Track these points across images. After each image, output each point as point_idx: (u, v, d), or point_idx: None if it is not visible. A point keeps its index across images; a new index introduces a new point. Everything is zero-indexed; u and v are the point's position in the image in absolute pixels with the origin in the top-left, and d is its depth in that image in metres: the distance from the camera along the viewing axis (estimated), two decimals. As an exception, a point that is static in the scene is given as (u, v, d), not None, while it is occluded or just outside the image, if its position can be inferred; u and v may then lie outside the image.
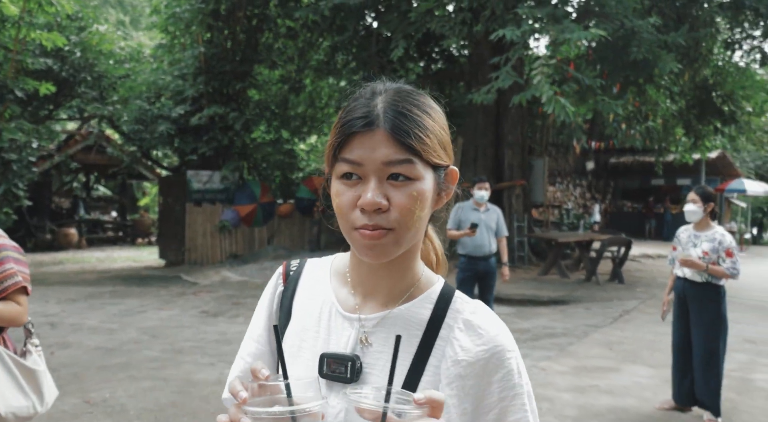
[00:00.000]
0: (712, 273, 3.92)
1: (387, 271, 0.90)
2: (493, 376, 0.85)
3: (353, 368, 0.86)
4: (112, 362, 5.51)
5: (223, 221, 13.99)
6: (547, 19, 7.40)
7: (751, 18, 9.50)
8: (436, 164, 0.85)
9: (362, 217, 0.82)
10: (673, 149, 14.34)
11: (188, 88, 13.58)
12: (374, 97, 0.85)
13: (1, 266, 2.05)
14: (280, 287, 1.01)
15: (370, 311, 0.91)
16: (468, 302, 0.92)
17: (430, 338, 0.88)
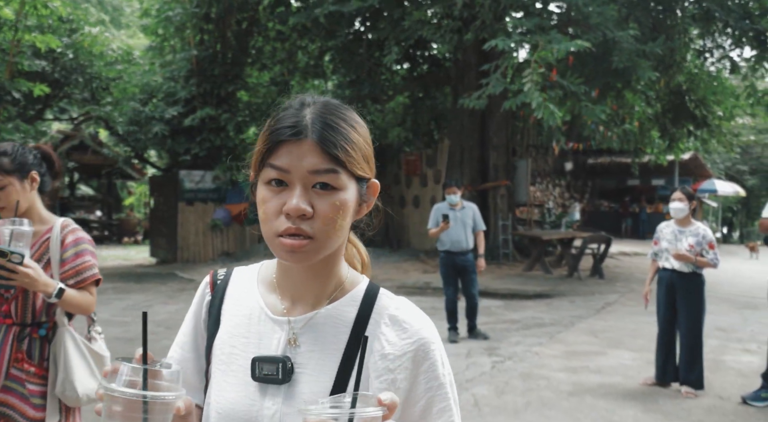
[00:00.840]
0: (699, 264, 4.43)
1: (312, 275, 0.93)
2: (420, 368, 0.90)
3: (284, 369, 0.89)
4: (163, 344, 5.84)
5: (215, 220, 14.28)
6: (535, 29, 7.89)
7: (720, 29, 10.14)
8: (359, 176, 0.89)
9: (286, 222, 0.85)
10: (649, 150, 14.99)
11: (180, 90, 13.85)
12: (303, 109, 0.88)
13: (80, 257, 2.14)
14: (208, 296, 1.03)
15: (299, 314, 0.94)
16: (393, 298, 0.96)
17: (357, 335, 0.91)
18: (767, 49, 9.42)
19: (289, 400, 0.89)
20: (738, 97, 11.76)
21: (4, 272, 1.88)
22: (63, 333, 2.11)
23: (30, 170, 2.10)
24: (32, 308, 2.09)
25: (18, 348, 2.07)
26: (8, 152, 2.07)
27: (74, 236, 2.15)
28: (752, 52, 9.76)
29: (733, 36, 9.82)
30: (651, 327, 6.94)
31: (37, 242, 2.11)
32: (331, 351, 0.91)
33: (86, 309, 2.13)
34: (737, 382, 4.90)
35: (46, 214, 2.19)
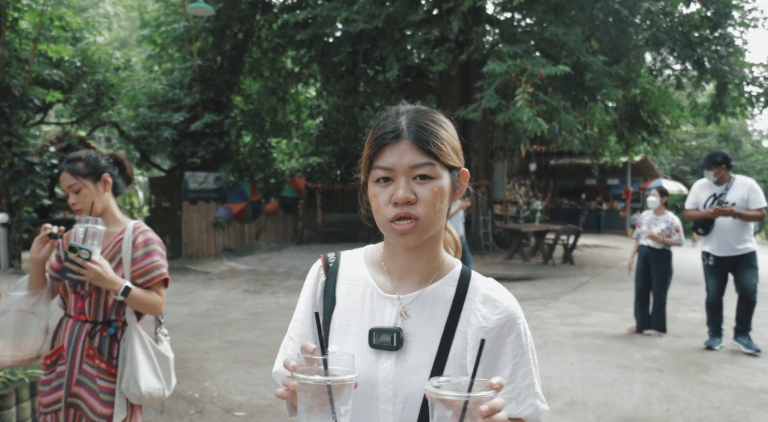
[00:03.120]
0: (667, 243, 6.09)
1: (417, 257, 1.09)
2: (507, 337, 1.06)
3: (398, 338, 1.04)
4: (214, 322, 7.13)
5: (218, 218, 15.39)
6: (522, 53, 9.49)
7: (668, 52, 12.02)
8: (450, 166, 1.06)
9: (395, 209, 1.01)
10: (607, 153, 16.90)
11: (185, 97, 14.92)
12: (399, 116, 1.05)
13: (149, 257, 2.19)
14: (322, 277, 1.18)
15: (406, 291, 1.10)
16: (484, 279, 1.13)
17: (456, 310, 1.08)
18: (706, 71, 11.32)
19: (400, 363, 1.04)
20: (682, 109, 13.76)
21: (74, 267, 1.97)
22: (131, 331, 2.17)
23: (103, 173, 2.21)
24: (104, 306, 2.16)
25: (90, 345, 2.14)
26: (82, 158, 2.20)
27: (144, 237, 2.22)
28: (694, 73, 11.66)
29: (679, 59, 11.69)
30: (620, 297, 8.69)
31: (111, 242, 2.19)
32: (434, 323, 1.06)
33: (154, 309, 2.18)
34: (687, 329, 6.61)
35: (120, 216, 2.29)
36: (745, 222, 5.35)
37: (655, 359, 5.39)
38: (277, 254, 14.96)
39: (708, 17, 11.07)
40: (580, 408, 4.09)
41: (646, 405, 4.16)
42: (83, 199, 2.15)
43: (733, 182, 5.44)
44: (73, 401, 2.13)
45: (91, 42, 15.67)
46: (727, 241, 5.41)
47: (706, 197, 5.52)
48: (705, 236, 5.56)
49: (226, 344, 5.99)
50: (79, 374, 2.13)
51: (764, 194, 5.43)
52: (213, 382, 4.70)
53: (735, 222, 5.34)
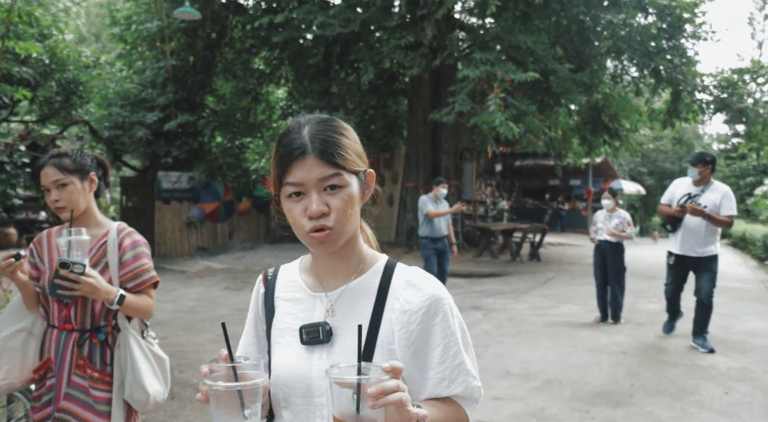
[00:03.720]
0: (620, 237, 6.61)
1: (338, 257, 1.17)
2: (434, 319, 1.12)
3: (324, 331, 1.12)
4: (202, 317, 7.38)
5: (191, 218, 15.49)
6: (494, 60, 9.98)
7: (628, 60, 12.72)
8: (356, 171, 1.12)
9: (310, 222, 1.07)
10: (570, 155, 17.61)
11: (158, 97, 14.97)
12: (301, 130, 1.10)
13: (138, 260, 2.16)
14: (262, 289, 1.28)
15: (332, 288, 1.18)
16: (408, 268, 1.20)
17: (381, 298, 1.14)
18: (662, 79, 12.04)
19: (332, 356, 1.11)
20: (641, 113, 14.52)
21: (67, 284, 1.90)
22: (127, 336, 2.13)
23: (89, 171, 2.15)
24: (91, 313, 2.09)
25: (79, 354, 2.08)
26: (69, 154, 2.13)
27: (131, 239, 2.17)
28: (651, 81, 12.38)
29: (638, 67, 12.39)
30: (584, 291, 9.24)
31: (94, 246, 2.12)
32: (360, 314, 1.13)
33: (146, 312, 2.14)
34: (647, 318, 7.19)
35: (102, 218, 2.21)
36: (713, 228, 5.40)
37: (620, 344, 5.91)
38: (251, 253, 15.16)
39: (664, 29, 11.78)
40: (557, 386, 4.54)
41: (614, 382, 4.64)
42: (68, 196, 2.07)
43: (710, 185, 5.47)
44: (61, 416, 2.05)
45: (59, 40, 15.56)
46: (692, 241, 5.44)
47: (681, 194, 5.57)
48: (672, 233, 5.61)
49: (219, 337, 6.25)
50: (67, 387, 2.06)
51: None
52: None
53: (703, 224, 5.36)
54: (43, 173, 2.09)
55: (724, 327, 6.63)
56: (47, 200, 2.09)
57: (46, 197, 2.09)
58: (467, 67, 9.90)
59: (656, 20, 11.75)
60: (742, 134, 14.08)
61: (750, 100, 12.78)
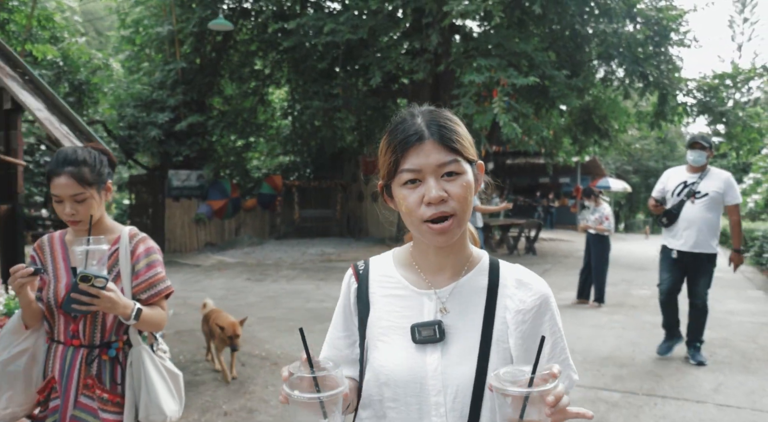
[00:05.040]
0: (598, 230, 7.46)
1: (447, 253, 1.14)
2: (544, 317, 1.14)
3: (440, 329, 1.09)
4: (237, 304, 8.06)
5: (200, 214, 16.11)
6: (497, 66, 10.75)
7: (617, 66, 13.58)
8: (471, 160, 1.10)
9: (429, 209, 1.04)
10: (561, 154, 18.47)
11: (168, 98, 15.57)
12: (415, 118, 1.08)
13: (152, 269, 1.98)
14: (354, 284, 1.23)
15: (441, 286, 1.15)
16: (512, 266, 1.20)
17: (492, 298, 1.13)
18: (649, 83, 12.90)
19: (446, 355, 1.09)
20: (629, 115, 15.42)
21: (85, 298, 1.73)
22: (140, 353, 1.96)
23: (107, 180, 1.96)
24: (101, 327, 1.92)
25: (87, 373, 1.90)
26: (88, 162, 1.90)
27: (145, 245, 2.00)
28: (639, 85, 13.25)
29: (627, 72, 13.24)
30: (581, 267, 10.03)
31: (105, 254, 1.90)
32: (473, 313, 1.12)
33: (159, 326, 1.98)
34: (640, 302, 8.03)
35: (111, 222, 2.02)
36: (715, 217, 4.86)
37: (619, 321, 6.73)
38: (259, 248, 15.81)
39: (651, 37, 12.64)
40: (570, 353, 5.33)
41: (617, 349, 5.44)
42: (86, 210, 1.87)
43: (708, 172, 4.91)
44: None
45: (71, 43, 16.09)
46: (691, 236, 4.87)
47: (675, 184, 5.01)
48: (667, 227, 5.04)
49: (260, 319, 6.97)
50: (74, 409, 1.89)
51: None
52: (272, 344, 5.72)
53: (704, 217, 4.82)
54: (58, 182, 1.86)
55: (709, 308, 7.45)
56: (58, 210, 1.88)
57: (57, 207, 1.88)
58: (471, 73, 10.66)
59: (644, 29, 12.60)
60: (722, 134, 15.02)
61: (730, 103, 13.71)
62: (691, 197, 4.88)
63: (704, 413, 3.95)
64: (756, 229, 14.47)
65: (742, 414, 3.95)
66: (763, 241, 13.02)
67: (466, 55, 11.59)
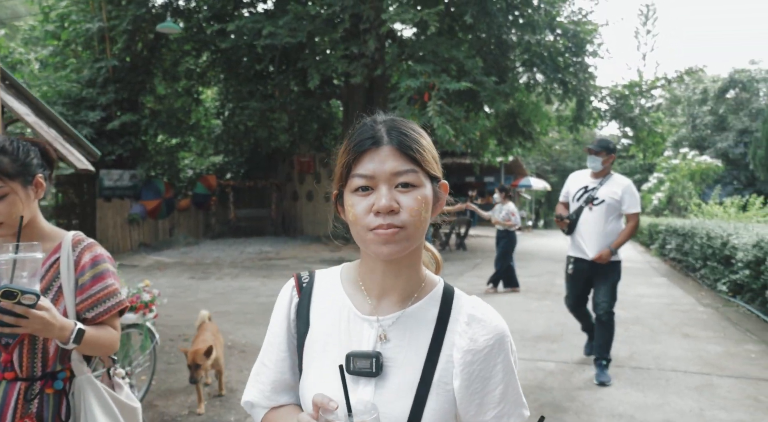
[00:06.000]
0: (506, 225, 8.29)
1: (396, 274, 1.03)
2: (497, 358, 1.00)
3: (377, 363, 0.98)
4: (187, 301, 8.28)
5: (133, 214, 15.91)
6: (432, 72, 11.44)
7: (540, 73, 14.65)
8: (432, 175, 1.00)
9: (377, 219, 0.95)
10: (487, 155, 19.52)
11: (99, 97, 15.29)
12: (376, 124, 1.00)
13: (101, 281, 1.64)
14: (296, 298, 1.11)
15: (386, 312, 1.03)
16: (467, 298, 1.07)
17: (440, 332, 1.02)
18: (568, 90, 14.03)
19: (380, 390, 0.99)
20: (550, 119, 16.62)
21: (9, 319, 1.38)
22: (82, 383, 1.63)
23: (35, 173, 1.62)
24: (42, 355, 1.58)
25: (25, 410, 1.56)
26: (7, 150, 1.56)
27: (92, 253, 1.67)
28: (559, 91, 14.37)
29: (548, 79, 14.33)
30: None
31: (43, 265, 1.60)
32: (417, 346, 1.01)
33: (110, 349, 1.65)
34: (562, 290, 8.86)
35: (49, 227, 1.70)
36: (615, 225, 4.61)
37: (547, 306, 7.53)
38: (196, 247, 15.81)
39: (569, 48, 13.77)
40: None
41: (549, 329, 6.20)
42: (8, 209, 1.55)
43: (610, 177, 4.67)
44: None
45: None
46: (589, 244, 4.62)
47: (576, 188, 4.79)
48: (569, 234, 4.79)
49: (217, 313, 7.24)
50: None
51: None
52: (235, 335, 6.07)
53: (601, 223, 4.59)
54: None
55: (623, 292, 8.33)
56: None
57: None
58: (407, 78, 11.30)
59: (563, 40, 13.71)
60: (631, 136, 16.47)
61: (637, 109, 15.11)
62: (590, 203, 4.65)
63: (622, 374, 4.72)
64: (660, 224, 16.00)
65: (651, 373, 4.75)
66: (665, 234, 14.45)
67: (401, 60, 12.21)
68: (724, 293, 8.34)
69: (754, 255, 6.93)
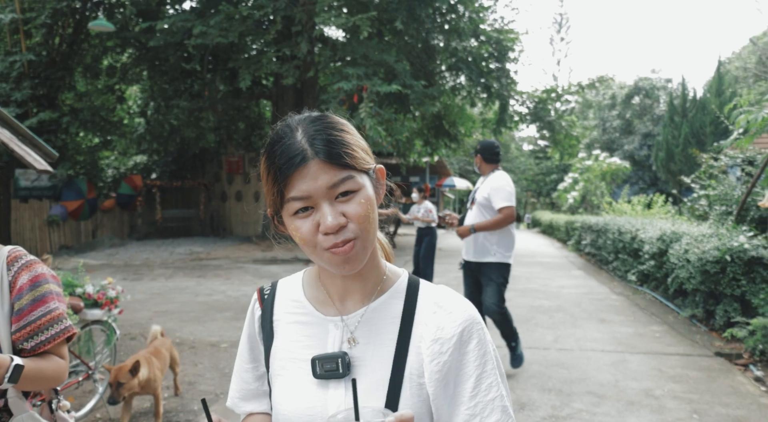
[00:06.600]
0: (425, 222, 8.83)
1: (357, 275, 0.99)
2: (468, 346, 0.94)
3: (343, 363, 0.94)
4: (125, 300, 8.19)
5: (53, 216, 15.31)
6: (363, 75, 11.79)
7: (465, 77, 15.35)
8: (367, 169, 0.94)
9: (327, 238, 0.89)
10: (413, 155, 20.11)
11: (14, 92, 14.60)
12: (295, 133, 0.90)
13: (43, 305, 1.46)
14: (258, 311, 1.09)
15: (350, 311, 1.00)
16: (433, 287, 1.02)
17: (407, 324, 0.97)
18: (492, 94, 14.80)
19: (351, 391, 0.90)
20: (474, 121, 17.40)
21: None
22: None
23: None
24: None
25: None
26: None
27: (31, 273, 1.47)
28: (483, 95, 15.12)
29: (473, 83, 15.04)
30: (438, 268, 11.40)
31: None
32: (384, 342, 0.96)
33: (55, 382, 1.47)
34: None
35: None
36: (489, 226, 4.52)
37: (478, 298, 8.05)
38: (122, 249, 15.41)
39: (492, 54, 14.53)
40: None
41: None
42: None
43: (490, 176, 4.64)
44: None
45: None
46: (470, 244, 4.64)
47: (472, 191, 4.87)
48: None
49: (158, 313, 7.30)
50: None
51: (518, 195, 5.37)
52: (182, 332, 6.17)
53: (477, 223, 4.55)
54: None
55: (545, 285, 9.15)
56: None
57: None
58: (339, 80, 11.59)
59: (486, 46, 14.44)
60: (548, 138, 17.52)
61: (553, 113, 16.13)
62: (471, 204, 4.74)
63: (549, 355, 5.26)
64: (575, 221, 17.13)
65: (573, 353, 5.31)
66: (581, 231, 15.53)
67: (333, 63, 12.49)
68: (633, 282, 9.21)
69: (658, 248, 7.74)
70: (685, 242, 6.53)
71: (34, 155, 3.95)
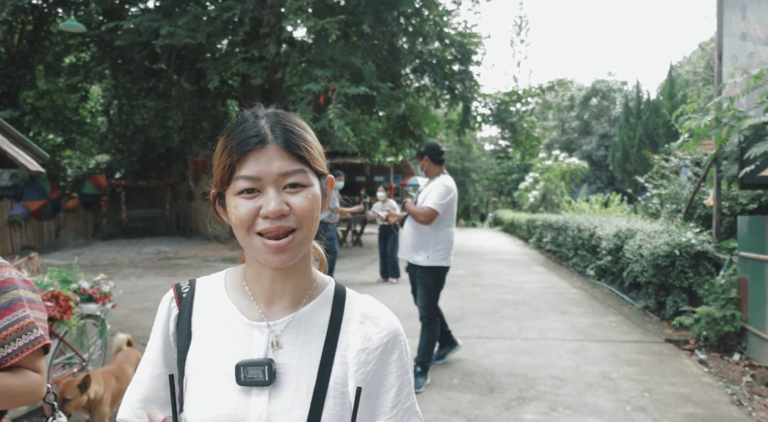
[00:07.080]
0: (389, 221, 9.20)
1: (286, 277, 0.97)
2: (391, 357, 0.98)
3: (269, 371, 0.92)
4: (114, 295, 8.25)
5: (14, 216, 15.04)
6: (331, 77, 12.03)
7: (429, 79, 15.73)
8: (319, 172, 0.96)
9: (265, 222, 0.89)
10: (378, 155, 20.41)
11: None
12: (258, 120, 0.92)
13: (11, 313, 1.34)
14: (175, 310, 1.03)
15: (277, 317, 0.98)
16: (360, 297, 1.04)
17: (333, 333, 0.97)
18: (456, 96, 15.22)
19: (274, 400, 0.92)
20: (438, 122, 17.81)
21: None
22: None
23: None
24: None
25: None
26: None
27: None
28: (447, 96, 15.53)
29: (437, 85, 15.43)
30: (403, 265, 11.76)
31: None
32: (310, 350, 0.96)
33: (29, 398, 1.34)
34: (458, 280, 9.87)
35: None
36: (422, 229, 4.51)
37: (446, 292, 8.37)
38: (87, 249, 15.26)
39: (456, 57, 14.95)
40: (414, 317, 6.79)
41: (450, 311, 7.04)
42: None
43: (436, 180, 4.55)
44: None
45: None
46: (405, 245, 4.65)
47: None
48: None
49: (135, 310, 7.41)
50: None
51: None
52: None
53: (410, 226, 4.60)
54: None
55: (509, 280, 9.57)
56: None
57: None
58: (308, 81, 11.81)
59: (450, 49, 14.84)
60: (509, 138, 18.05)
61: (515, 115, 16.66)
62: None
63: (515, 344, 5.64)
64: (536, 219, 17.72)
65: (537, 342, 5.71)
66: (542, 229, 16.10)
67: (301, 64, 12.69)
68: (591, 277, 9.72)
69: (614, 244, 8.24)
70: (638, 239, 7.00)
71: (27, 156, 4.07)
